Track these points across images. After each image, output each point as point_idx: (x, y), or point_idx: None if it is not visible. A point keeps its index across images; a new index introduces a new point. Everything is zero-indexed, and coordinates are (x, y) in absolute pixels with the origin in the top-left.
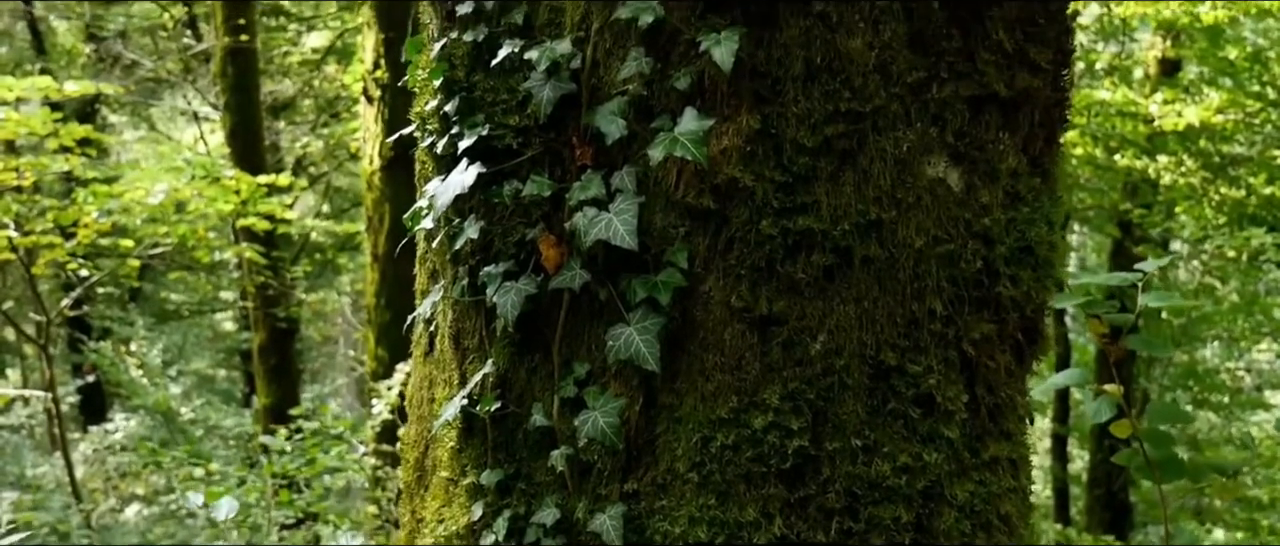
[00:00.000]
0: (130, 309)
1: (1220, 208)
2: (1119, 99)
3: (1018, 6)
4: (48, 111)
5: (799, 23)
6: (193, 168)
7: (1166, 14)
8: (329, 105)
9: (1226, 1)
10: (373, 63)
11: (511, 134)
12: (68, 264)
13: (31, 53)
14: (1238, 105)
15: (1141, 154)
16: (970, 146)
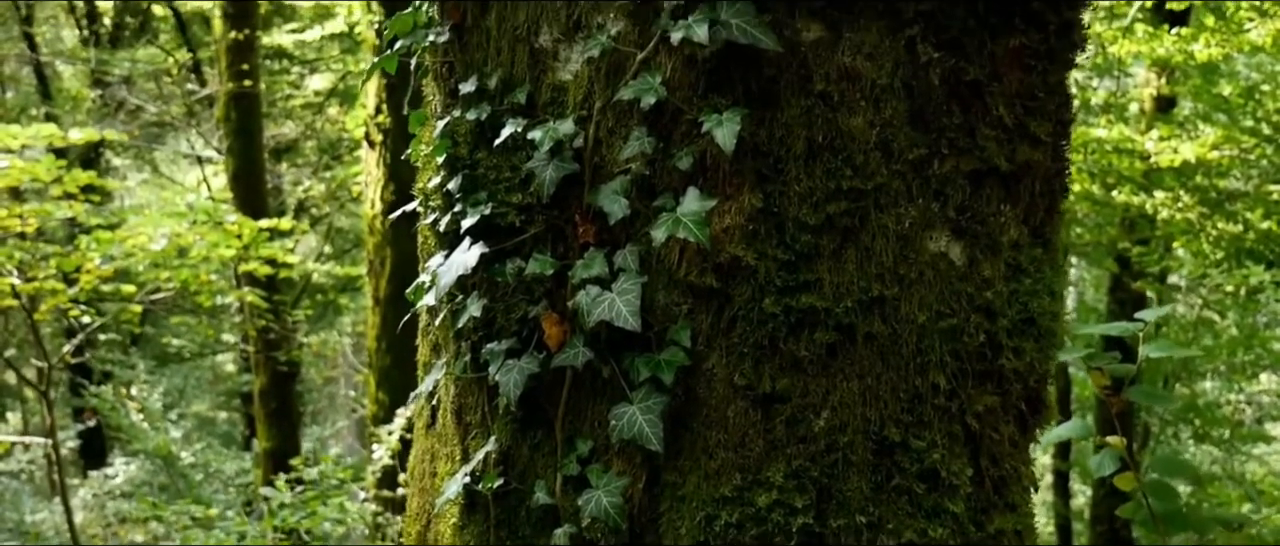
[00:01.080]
0: (132, 352)
1: (1218, 242)
2: (1115, 136)
3: (1017, 80)
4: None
5: (800, 102)
6: (195, 212)
7: (1160, 52)
8: (331, 147)
9: (1220, 38)
10: (375, 108)
11: (514, 211)
12: (70, 310)
13: (37, 97)
14: (1233, 141)
15: (1138, 190)
16: (972, 220)
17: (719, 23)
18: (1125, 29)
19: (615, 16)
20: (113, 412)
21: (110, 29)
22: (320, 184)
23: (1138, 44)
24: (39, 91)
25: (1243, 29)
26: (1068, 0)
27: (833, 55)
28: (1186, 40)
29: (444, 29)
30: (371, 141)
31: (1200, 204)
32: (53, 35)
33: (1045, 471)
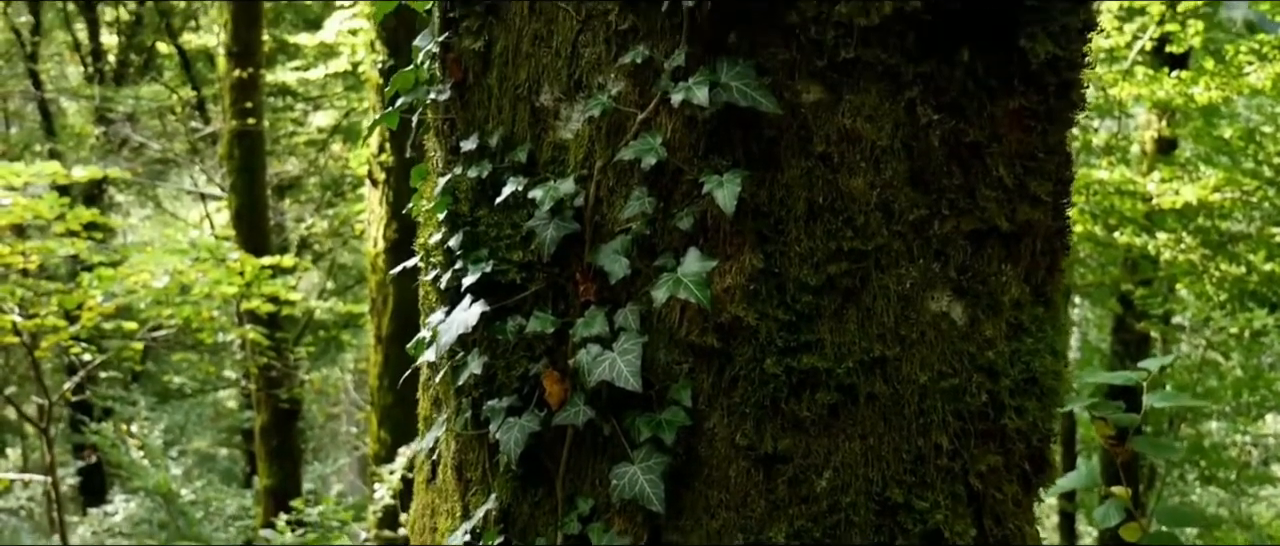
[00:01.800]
0: (132, 388)
1: (1221, 284)
2: (1117, 177)
3: (1017, 141)
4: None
5: (800, 163)
6: (197, 249)
7: (1161, 95)
8: (334, 184)
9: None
10: (378, 147)
11: (515, 269)
12: (71, 348)
13: (41, 134)
14: (1235, 183)
15: (1141, 231)
16: (973, 280)
17: (719, 85)
18: (1125, 72)
19: (616, 77)
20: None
21: (114, 66)
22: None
23: (1138, 87)
24: (43, 128)
25: (1242, 73)
26: (1067, 61)
27: (833, 117)
28: (1186, 83)
29: (445, 87)
30: (374, 180)
31: (1203, 246)
32: (57, 72)
33: (1051, 511)
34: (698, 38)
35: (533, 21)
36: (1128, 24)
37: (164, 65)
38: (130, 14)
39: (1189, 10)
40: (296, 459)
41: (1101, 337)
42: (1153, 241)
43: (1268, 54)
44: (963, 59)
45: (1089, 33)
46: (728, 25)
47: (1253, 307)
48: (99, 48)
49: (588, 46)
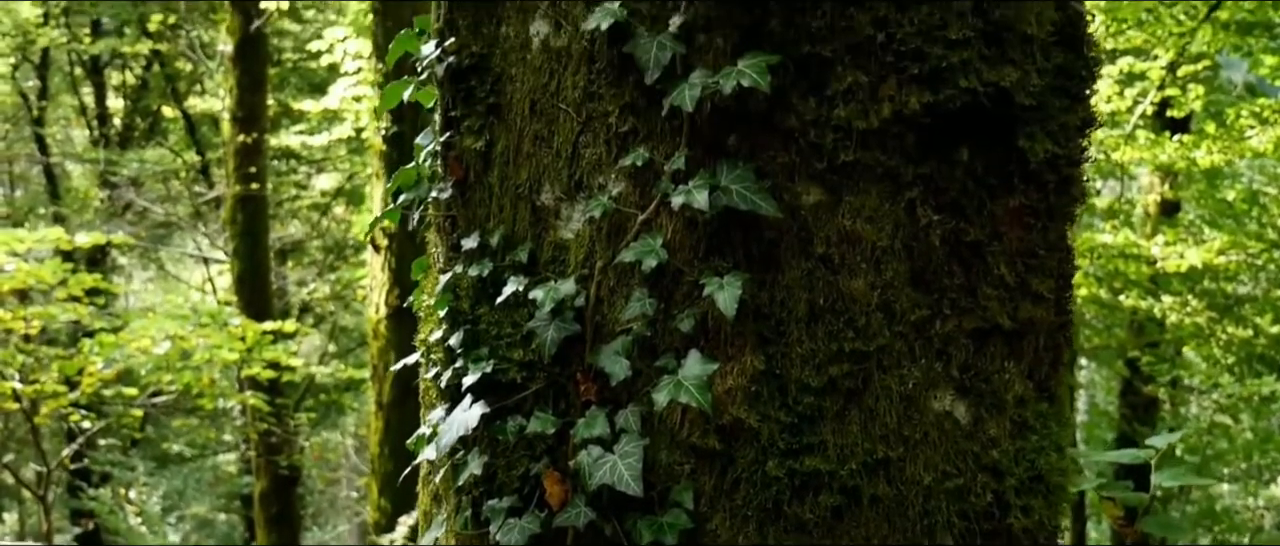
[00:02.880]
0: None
1: (1228, 347)
2: (1121, 241)
3: (1018, 239)
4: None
5: (801, 264)
6: (199, 315)
7: (1163, 158)
8: (336, 247)
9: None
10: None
11: (516, 368)
12: (70, 415)
13: (46, 197)
14: (1239, 246)
15: (1146, 294)
16: (976, 379)
17: (719, 188)
18: (1127, 136)
19: (616, 178)
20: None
21: (120, 130)
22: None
23: (1140, 151)
24: (48, 191)
25: (1244, 136)
26: (1067, 158)
27: (833, 218)
28: (1188, 147)
29: (447, 185)
30: (376, 246)
31: (1209, 308)
32: (63, 135)
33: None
34: (697, 140)
35: (534, 122)
36: (1128, 89)
37: (169, 129)
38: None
39: (1189, 75)
40: (296, 525)
41: (1109, 400)
42: (1158, 304)
43: (1268, 118)
44: (962, 159)
45: (1088, 129)
46: (727, 128)
47: (1261, 371)
48: (105, 112)
49: (588, 147)
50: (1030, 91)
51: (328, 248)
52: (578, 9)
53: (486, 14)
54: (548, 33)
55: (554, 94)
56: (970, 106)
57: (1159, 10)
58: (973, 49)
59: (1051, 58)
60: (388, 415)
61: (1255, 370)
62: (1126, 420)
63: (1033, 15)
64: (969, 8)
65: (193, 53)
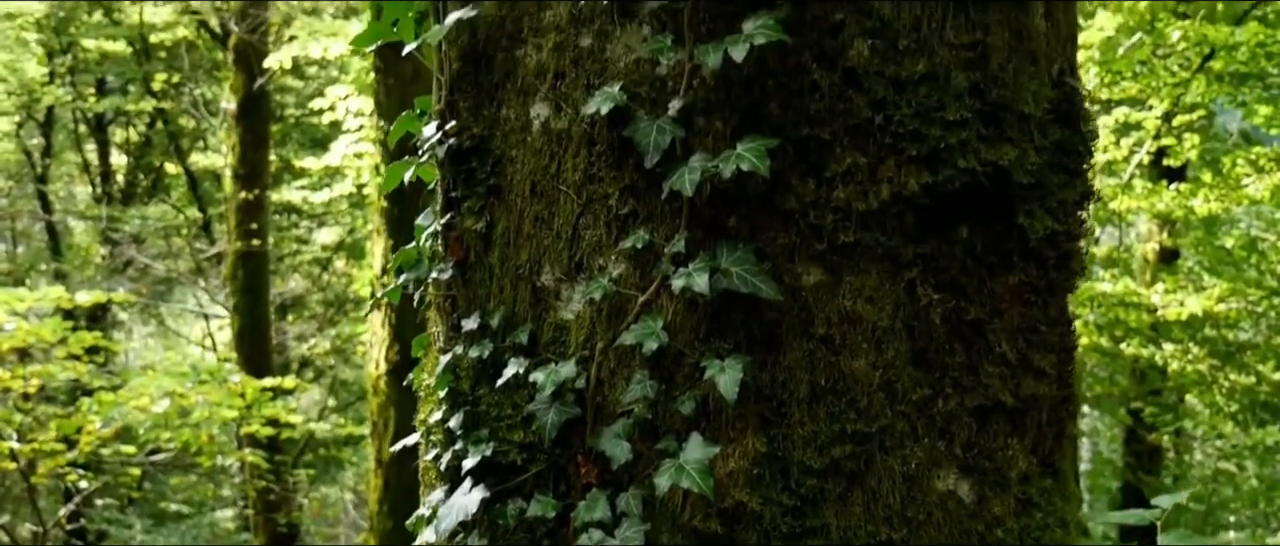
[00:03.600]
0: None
1: (1231, 395)
2: (1120, 289)
3: (1019, 315)
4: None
5: (802, 346)
6: (198, 372)
7: (1160, 207)
8: (337, 300)
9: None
10: (381, 268)
11: (516, 450)
12: (68, 475)
13: (48, 253)
14: (1239, 294)
15: (1147, 342)
16: (979, 457)
17: (720, 271)
18: (1125, 185)
19: (617, 260)
20: None
21: (123, 186)
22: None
23: (1137, 199)
24: (50, 248)
25: (1240, 184)
26: (1066, 233)
27: (833, 299)
28: (1186, 195)
29: (447, 265)
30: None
31: (1210, 356)
32: (66, 192)
33: None
34: (698, 222)
35: (534, 203)
36: (1124, 138)
37: (171, 185)
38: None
39: (1185, 124)
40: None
41: (1113, 448)
42: (1160, 352)
43: (1264, 166)
44: (962, 237)
45: (1086, 203)
46: (727, 210)
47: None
48: (108, 169)
49: (589, 229)
50: (1028, 169)
51: (328, 302)
52: (578, 93)
53: (487, 96)
54: (548, 115)
55: (554, 176)
56: (969, 186)
57: (1153, 62)
58: (971, 129)
59: (1049, 135)
60: (387, 473)
61: (1259, 418)
62: (1131, 468)
63: (1029, 94)
64: (966, 89)
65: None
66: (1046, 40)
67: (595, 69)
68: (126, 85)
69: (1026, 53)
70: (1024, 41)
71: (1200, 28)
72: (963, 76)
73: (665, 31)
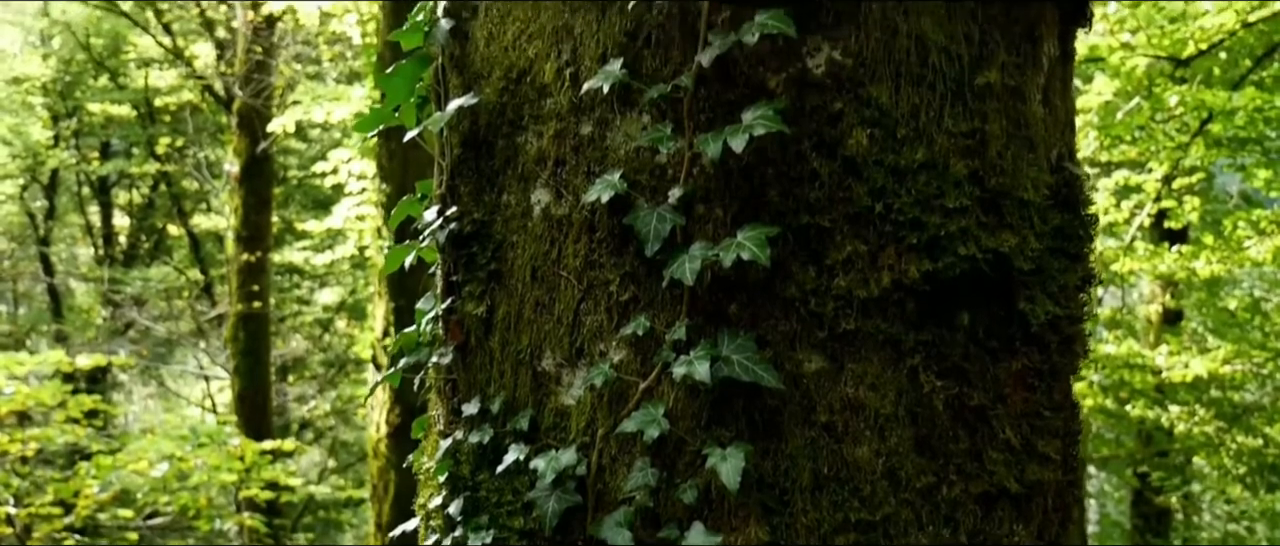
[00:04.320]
0: None
1: (1238, 457)
2: (1125, 351)
3: (1022, 401)
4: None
5: (804, 433)
6: (198, 435)
7: (1163, 269)
8: (338, 361)
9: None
10: (382, 331)
11: (516, 537)
12: (65, 540)
13: (49, 315)
14: (1244, 356)
15: (1153, 404)
16: (984, 544)
17: (721, 360)
18: (1126, 247)
19: (618, 346)
20: None
21: (125, 248)
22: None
23: (1139, 261)
24: (51, 310)
25: (1242, 247)
26: (1068, 317)
27: (835, 386)
28: (1187, 258)
29: (448, 350)
30: (378, 365)
31: (1217, 418)
32: (68, 254)
33: None
34: (698, 309)
35: (535, 288)
36: (1125, 200)
37: (174, 247)
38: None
39: (1184, 187)
40: None
41: (1120, 510)
42: (1166, 414)
43: (1265, 229)
44: (963, 324)
45: (1088, 286)
46: (728, 297)
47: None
48: (111, 231)
49: (589, 315)
50: (1029, 256)
51: (329, 362)
52: (578, 179)
53: (488, 182)
54: (549, 201)
55: (555, 261)
56: (970, 273)
57: (1151, 127)
58: (970, 217)
59: (1049, 220)
60: (386, 537)
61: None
62: (1139, 531)
63: (1028, 181)
64: (965, 176)
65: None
66: (1044, 126)
67: (596, 156)
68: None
69: (1025, 140)
70: (1022, 128)
71: (1198, 93)
72: (962, 164)
73: (665, 120)
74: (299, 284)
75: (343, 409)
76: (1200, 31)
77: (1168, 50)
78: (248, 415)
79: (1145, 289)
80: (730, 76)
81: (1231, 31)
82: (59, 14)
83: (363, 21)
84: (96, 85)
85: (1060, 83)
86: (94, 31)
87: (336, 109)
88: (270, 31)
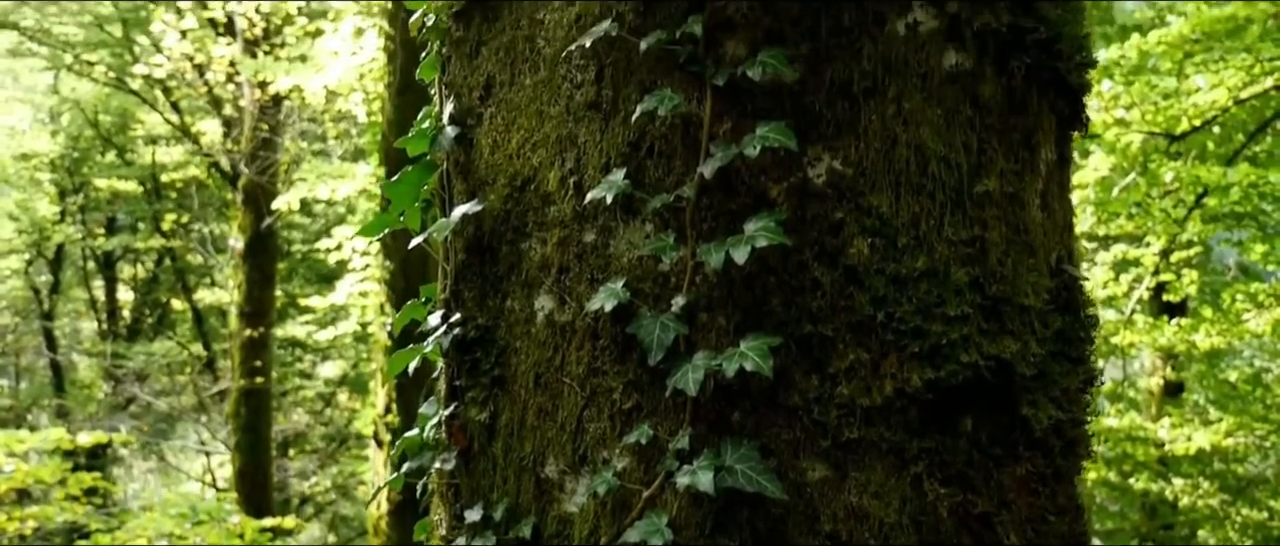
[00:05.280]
0: None
1: (1244, 531)
2: (1126, 424)
3: (1027, 505)
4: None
5: (808, 542)
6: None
7: (1163, 342)
8: (339, 436)
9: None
10: (384, 407)
11: None
12: None
13: (51, 389)
14: (1246, 428)
15: (1156, 477)
16: None
17: (724, 468)
18: (1126, 321)
19: (621, 454)
20: None
21: (129, 322)
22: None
23: (1139, 334)
24: (53, 384)
25: (1240, 320)
26: (1071, 421)
27: (839, 495)
28: (1187, 331)
29: (451, 456)
30: (379, 441)
31: (1221, 490)
32: (71, 327)
33: None
34: (701, 418)
35: (538, 395)
36: (1124, 274)
37: (177, 321)
38: (147, 272)
39: (1182, 261)
40: None
41: None
42: (1170, 487)
43: (1264, 302)
44: (966, 430)
45: (1090, 388)
46: (731, 405)
47: None
48: (115, 306)
49: (592, 422)
50: (1031, 361)
51: (330, 437)
52: (582, 286)
53: (492, 287)
54: (552, 308)
55: (558, 368)
56: (972, 380)
57: (1148, 203)
58: (972, 324)
59: (1050, 324)
60: None
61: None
62: None
63: (1028, 286)
64: (966, 284)
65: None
66: (1043, 230)
67: (599, 264)
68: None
69: (1024, 245)
70: (1021, 234)
71: (1193, 169)
72: (962, 272)
73: (668, 229)
74: (301, 357)
75: (344, 484)
76: (1193, 108)
77: (1162, 126)
78: (248, 491)
79: (1146, 361)
80: (732, 186)
81: (1224, 108)
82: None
83: (368, 100)
84: (104, 161)
85: (1058, 186)
86: (103, 108)
87: (341, 186)
88: (276, 109)
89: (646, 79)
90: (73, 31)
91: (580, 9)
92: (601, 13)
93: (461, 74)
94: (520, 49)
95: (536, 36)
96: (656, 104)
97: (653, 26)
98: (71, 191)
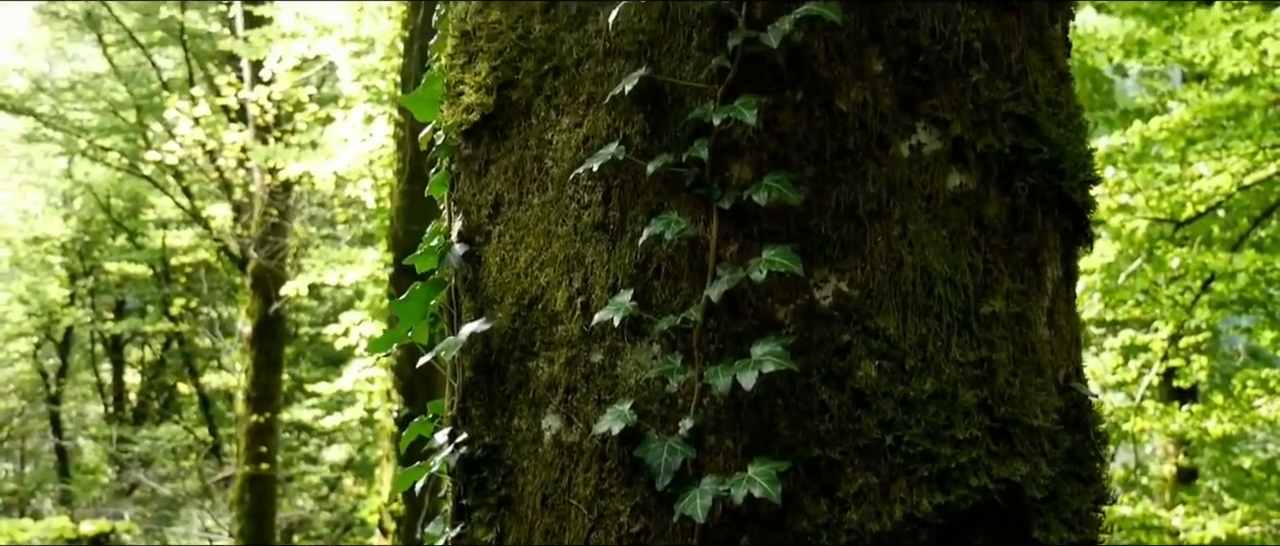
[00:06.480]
0: None
1: None
2: (1140, 513)
3: None
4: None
5: None
6: None
7: (1174, 428)
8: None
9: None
10: (390, 496)
11: None
12: None
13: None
14: (1262, 516)
15: None
16: None
17: None
18: (1137, 407)
19: None
20: None
21: (135, 405)
22: None
23: (1150, 421)
24: (57, 468)
25: (1252, 405)
26: (1083, 542)
27: None
28: (1198, 417)
29: None
30: (385, 530)
31: None
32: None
33: None
34: (710, 542)
35: (545, 516)
36: (1133, 359)
37: (183, 405)
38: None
39: (1191, 346)
40: None
41: None
42: None
43: (1275, 388)
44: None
45: (1102, 506)
46: (739, 530)
47: None
48: (122, 389)
49: (600, 545)
50: (1042, 483)
51: (335, 524)
52: (589, 407)
53: (499, 406)
54: (559, 428)
55: (565, 489)
56: (983, 503)
57: (1155, 290)
58: (981, 447)
59: (1060, 445)
60: None
61: None
62: None
63: (1037, 406)
64: (974, 406)
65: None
66: (1051, 348)
67: (606, 385)
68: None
69: (1032, 364)
70: (1028, 353)
71: (1199, 255)
72: (970, 394)
73: (675, 351)
74: (306, 441)
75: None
76: (1197, 194)
77: (1167, 212)
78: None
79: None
80: (739, 308)
81: (1228, 194)
82: (82, 176)
83: (377, 187)
84: (114, 245)
85: (1064, 303)
86: (115, 192)
87: (349, 272)
88: (286, 195)
89: (653, 201)
90: (87, 117)
91: (588, 131)
92: (608, 135)
93: (470, 191)
94: (528, 168)
95: (544, 157)
96: (663, 227)
97: (659, 149)
98: (82, 274)
